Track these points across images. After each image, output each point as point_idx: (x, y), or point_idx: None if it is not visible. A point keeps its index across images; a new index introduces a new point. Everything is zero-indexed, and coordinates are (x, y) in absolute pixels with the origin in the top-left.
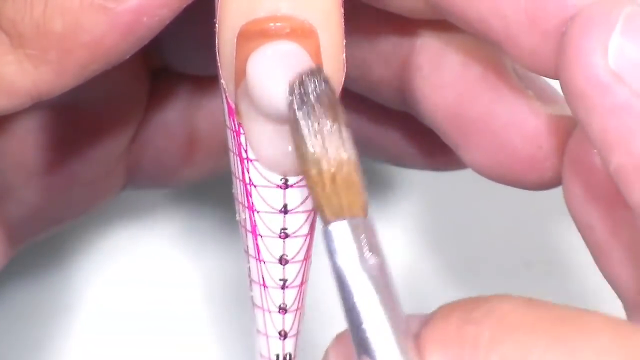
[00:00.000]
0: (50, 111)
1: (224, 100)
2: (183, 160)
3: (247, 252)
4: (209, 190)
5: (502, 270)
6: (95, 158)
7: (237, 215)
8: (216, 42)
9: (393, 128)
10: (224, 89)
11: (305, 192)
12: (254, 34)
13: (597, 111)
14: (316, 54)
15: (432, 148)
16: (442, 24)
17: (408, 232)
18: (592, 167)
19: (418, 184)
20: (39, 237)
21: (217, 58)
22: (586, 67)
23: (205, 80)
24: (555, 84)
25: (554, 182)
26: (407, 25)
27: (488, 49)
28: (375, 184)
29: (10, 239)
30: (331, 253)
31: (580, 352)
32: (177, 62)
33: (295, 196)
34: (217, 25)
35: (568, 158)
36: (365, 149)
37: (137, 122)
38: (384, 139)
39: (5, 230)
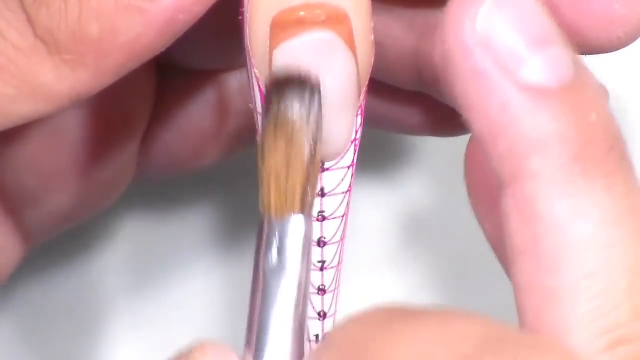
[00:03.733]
0: (63, 114)
1: (257, 88)
2: (190, 152)
3: None
4: (219, 180)
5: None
6: (108, 157)
7: None
8: (246, 30)
9: (406, 106)
10: (257, 78)
11: (340, 174)
12: (290, 23)
13: (461, 74)
14: (350, 39)
15: (445, 119)
16: None
17: (408, 215)
18: (484, 169)
19: (418, 181)
20: (51, 236)
21: (248, 47)
22: (455, 30)
23: (210, 73)
24: None
25: None
26: (421, 3)
27: None
28: (380, 158)
29: (26, 239)
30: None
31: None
32: (182, 57)
33: (332, 179)
34: (246, 14)
35: (467, 158)
36: (377, 124)
37: (147, 118)
38: (397, 116)
39: (21, 231)
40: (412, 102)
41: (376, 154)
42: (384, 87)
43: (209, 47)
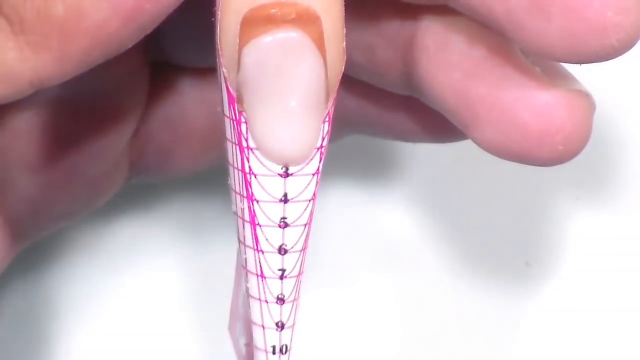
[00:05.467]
0: (52, 106)
1: (224, 88)
2: (185, 152)
3: (243, 242)
4: (214, 179)
5: (501, 268)
6: (98, 153)
7: (232, 206)
8: (217, 29)
9: (397, 111)
10: (225, 77)
11: (305, 181)
12: (259, 20)
13: None
14: (319, 41)
15: (437, 125)
16: (445, 7)
17: (404, 221)
18: None
19: (415, 183)
20: (43, 234)
21: (218, 45)
22: None
23: (205, 72)
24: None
25: (566, 155)
26: (410, 9)
27: (492, 31)
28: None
29: (14, 236)
30: None
31: None
32: (176, 55)
33: (296, 185)
34: (218, 12)
35: None
36: (368, 130)
37: (139, 116)
38: (389, 121)
39: (9, 227)
40: (403, 106)
41: (364, 159)
42: (375, 91)
43: (203, 45)
